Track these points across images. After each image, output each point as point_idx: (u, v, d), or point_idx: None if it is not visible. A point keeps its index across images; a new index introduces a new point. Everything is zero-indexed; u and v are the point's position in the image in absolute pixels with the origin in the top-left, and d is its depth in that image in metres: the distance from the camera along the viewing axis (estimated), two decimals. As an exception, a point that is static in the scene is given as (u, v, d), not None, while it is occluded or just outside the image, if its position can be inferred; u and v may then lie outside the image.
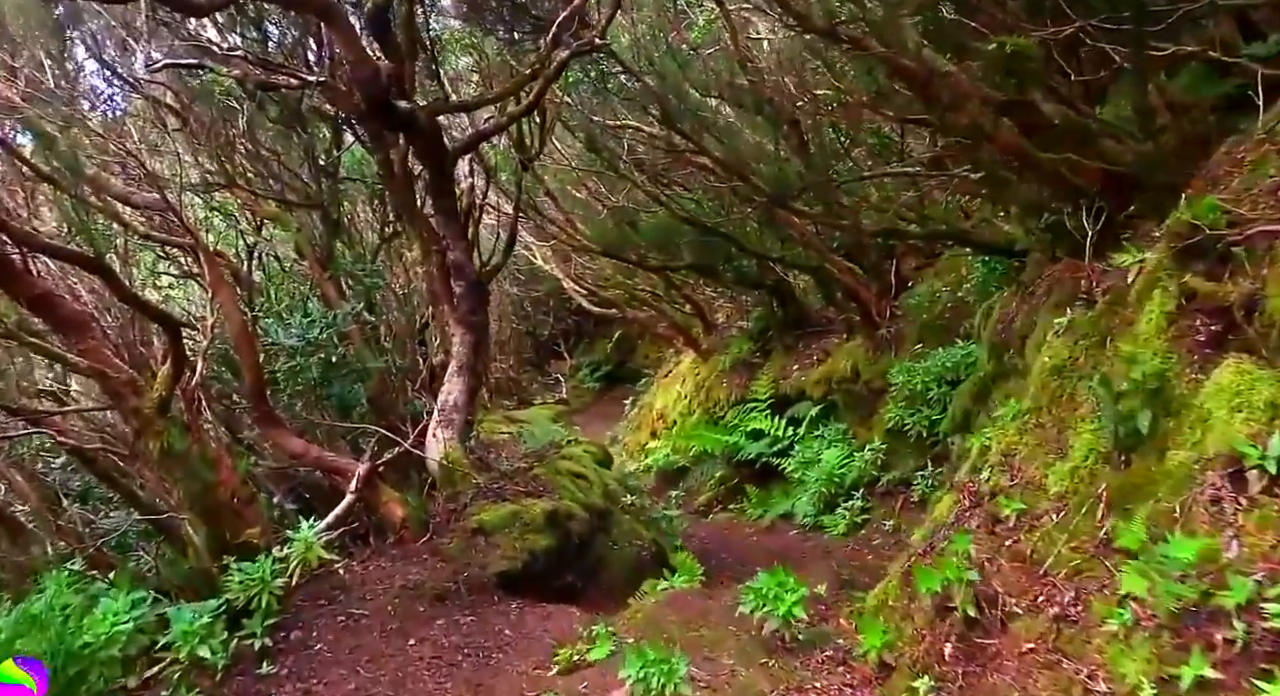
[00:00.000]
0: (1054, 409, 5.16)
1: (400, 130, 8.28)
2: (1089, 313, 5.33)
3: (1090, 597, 3.96)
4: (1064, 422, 5.02)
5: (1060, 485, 4.62)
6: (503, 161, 14.57)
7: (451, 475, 8.17)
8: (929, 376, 11.08)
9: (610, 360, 26.82)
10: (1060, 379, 5.23)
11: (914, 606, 4.92)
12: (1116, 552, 4.05)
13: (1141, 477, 4.18)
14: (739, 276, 14.62)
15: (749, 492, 13.45)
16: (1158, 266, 4.83)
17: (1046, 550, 4.35)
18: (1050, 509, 4.56)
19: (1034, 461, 5.02)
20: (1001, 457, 5.34)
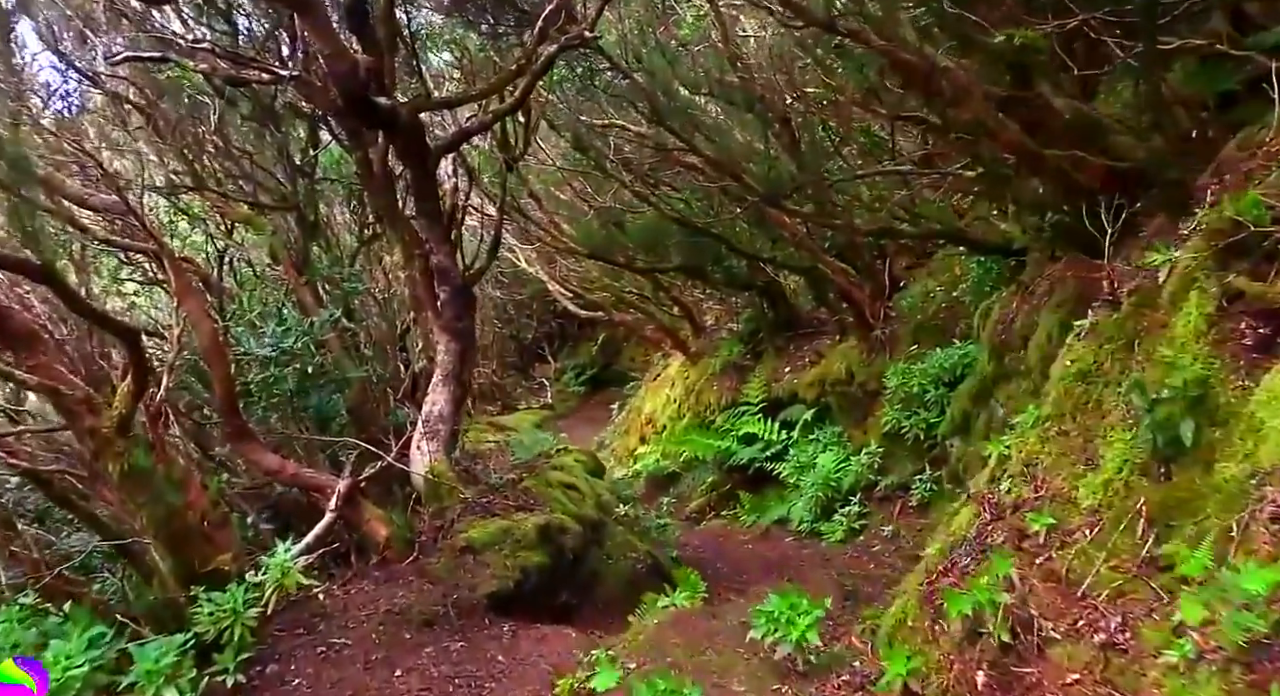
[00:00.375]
0: (1078, 416, 4.82)
1: (380, 128, 7.89)
2: (1114, 315, 4.98)
3: (1139, 624, 3.61)
4: (1090, 431, 4.69)
5: (1093, 498, 4.28)
6: (485, 162, 14.20)
7: (437, 490, 7.78)
8: (925, 378, 10.77)
9: (595, 363, 26.44)
10: (1085, 384, 4.89)
11: (939, 629, 4.56)
12: (1161, 573, 3.73)
13: (1186, 492, 3.85)
14: (729, 277, 14.28)
15: (742, 499, 13.10)
16: (1194, 266, 4.50)
17: (1083, 569, 4.00)
18: (1083, 524, 4.22)
19: (1059, 472, 4.69)
20: (1023, 467, 5.00)
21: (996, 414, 8.66)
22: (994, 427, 8.56)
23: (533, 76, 8.22)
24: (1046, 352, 8.01)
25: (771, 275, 14.35)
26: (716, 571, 10.20)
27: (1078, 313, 7.88)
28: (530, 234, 16.38)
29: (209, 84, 8.44)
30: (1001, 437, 5.43)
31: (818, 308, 15.17)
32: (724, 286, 15.05)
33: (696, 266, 14.30)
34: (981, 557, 4.70)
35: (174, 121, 8.34)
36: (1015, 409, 7.82)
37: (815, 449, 12.19)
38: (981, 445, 9.14)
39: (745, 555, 10.99)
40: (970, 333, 10.99)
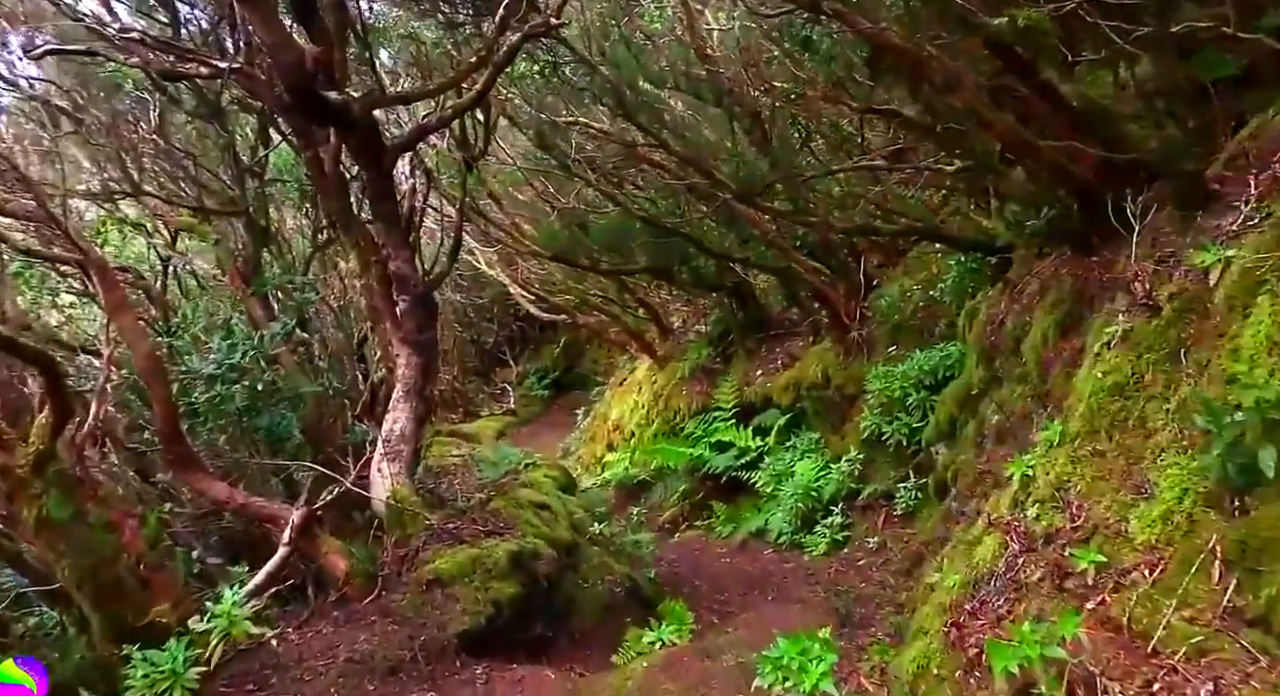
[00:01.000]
0: (1116, 434, 4.29)
1: (330, 124, 7.21)
2: (1153, 321, 4.46)
3: (1235, 692, 3.08)
4: (1133, 452, 4.16)
5: (1149, 533, 3.74)
6: (444, 162, 13.52)
7: (401, 516, 7.13)
8: (907, 381, 10.29)
9: (558, 366, 25.77)
10: (1122, 399, 4.36)
11: (978, 684, 4.00)
12: (1251, 627, 3.20)
13: (1270, 529, 3.33)
14: (697, 278, 13.72)
15: (716, 509, 12.55)
16: (1264, 267, 3.97)
17: (1150, 619, 3.46)
18: (1141, 563, 3.68)
19: (1099, 498, 4.15)
20: (1052, 492, 4.46)
21: (989, 420, 8.16)
22: (987, 434, 8.09)
23: (494, 68, 7.59)
24: (1043, 356, 7.54)
25: (741, 275, 13.81)
26: (696, 590, 9.62)
27: (1076, 313, 7.42)
28: (491, 236, 15.69)
29: (149, 80, 7.71)
30: (1023, 457, 4.88)
31: (788, 308, 14.66)
32: (692, 287, 14.49)
33: (664, 267, 13.72)
34: (1017, 597, 4.16)
35: (107, 121, 7.57)
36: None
37: (792, 456, 11.66)
38: (968, 452, 8.68)
39: (724, 570, 10.42)
40: (951, 333, 10.53)
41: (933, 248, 11.97)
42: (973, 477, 7.69)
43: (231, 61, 6.50)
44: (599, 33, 11.22)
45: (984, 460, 7.61)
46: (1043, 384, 7.29)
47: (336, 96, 6.76)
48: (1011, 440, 7.21)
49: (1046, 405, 6.51)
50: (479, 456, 11.16)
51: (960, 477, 8.46)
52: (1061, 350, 7.16)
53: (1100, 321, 5.84)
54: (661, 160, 12.33)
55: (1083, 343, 6.85)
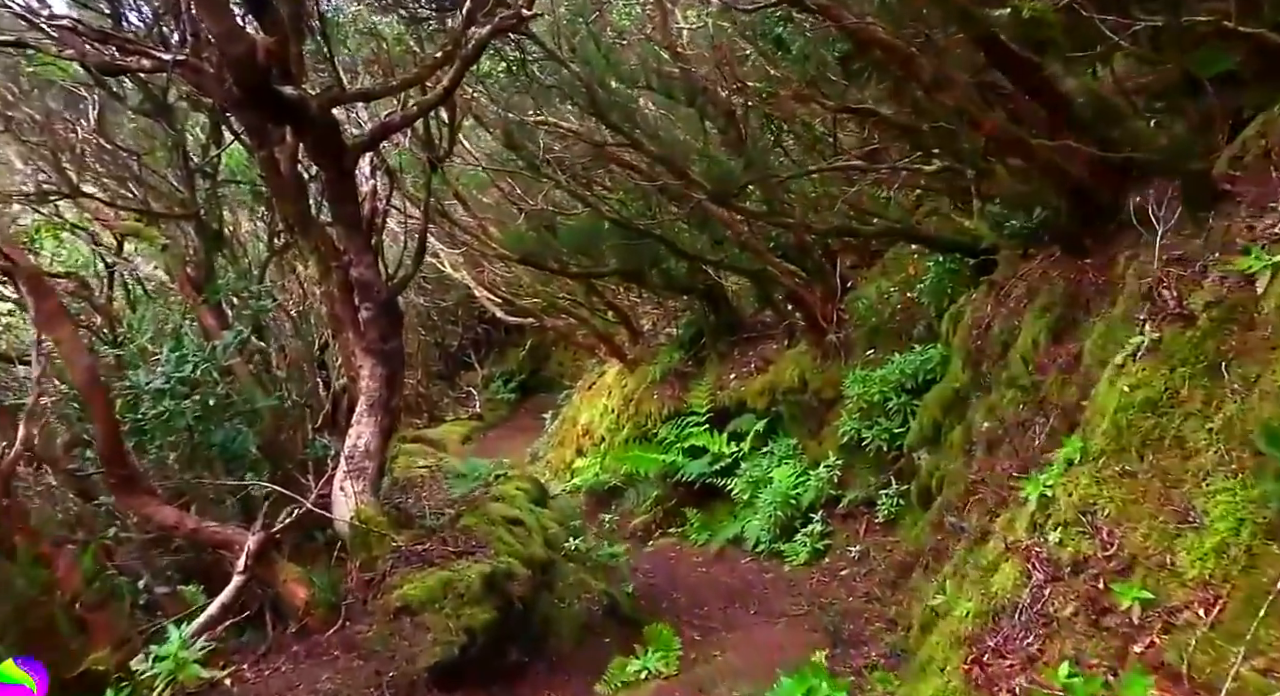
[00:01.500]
0: (1150, 454, 3.89)
1: (286, 122, 6.67)
2: (1186, 332, 4.06)
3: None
4: (1170, 474, 3.76)
5: (1201, 568, 3.33)
6: (408, 163, 12.97)
7: (366, 538, 6.60)
8: (886, 385, 9.91)
9: (525, 369, 25.17)
10: (1155, 416, 3.95)
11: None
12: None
13: (1345, 566, 2.95)
14: (668, 281, 13.27)
15: (690, 517, 12.10)
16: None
17: (1215, 668, 3.05)
18: (1195, 601, 3.27)
19: (1134, 525, 3.75)
20: (1077, 514, 4.05)
21: (979, 427, 7.78)
22: (976, 441, 7.71)
23: (461, 63, 7.09)
24: (1035, 361, 7.17)
25: (714, 277, 13.38)
26: (674, 603, 9.18)
27: (1069, 318, 7.06)
28: (456, 238, 15.13)
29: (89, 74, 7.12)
30: (1040, 475, 4.46)
31: (761, 310, 14.26)
32: (663, 290, 14.03)
33: (634, 270, 13.27)
34: (1048, 634, 3.75)
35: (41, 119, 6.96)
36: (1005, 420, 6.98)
37: (769, 462, 11.24)
38: (956, 459, 8.30)
39: (702, 581, 9.99)
40: (931, 335, 10.19)
41: (909, 248, 11.61)
42: (964, 487, 7.31)
43: (176, 53, 5.93)
44: (568, 29, 10.73)
45: (976, 470, 7.23)
46: (1037, 391, 6.92)
47: (292, 91, 6.22)
48: (1006, 448, 6.83)
49: (1046, 414, 6.13)
50: (447, 467, 10.64)
51: (948, 485, 8.09)
52: (1056, 356, 6.80)
53: (1107, 329, 5.47)
54: (632, 160, 11.88)
55: (1080, 348, 6.49)
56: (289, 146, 7.20)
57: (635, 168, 11.93)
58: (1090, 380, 5.45)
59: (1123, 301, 5.88)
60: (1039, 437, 5.73)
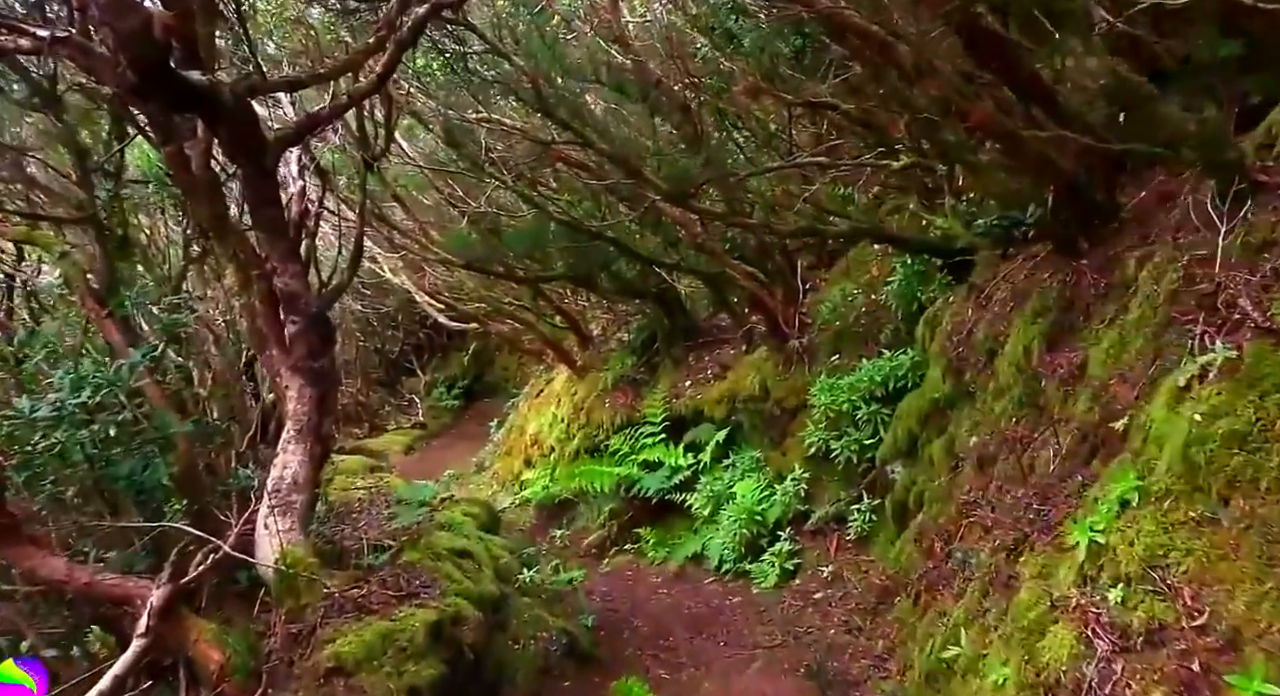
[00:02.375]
0: (1240, 499, 3.22)
1: (194, 112, 5.77)
2: (1277, 350, 3.39)
3: None
4: (1273, 527, 3.08)
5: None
6: (342, 163, 12.04)
7: (293, 584, 5.72)
8: (855, 393, 9.27)
9: (468, 374, 24.17)
10: (1243, 452, 3.28)
11: None
12: None
13: None
14: (620, 285, 12.50)
15: (646, 535, 11.34)
16: None
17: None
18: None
19: (1226, 586, 3.07)
20: (1143, 569, 3.37)
21: (965, 441, 7.14)
22: (963, 456, 7.07)
23: (397, 47, 6.26)
24: (1027, 371, 6.54)
25: (667, 280, 12.65)
26: (636, 633, 8.42)
27: (1065, 324, 6.42)
28: (395, 242, 14.19)
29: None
30: (1089, 519, 3.77)
31: (716, 313, 13.57)
32: (614, 294, 13.25)
33: (584, 273, 12.50)
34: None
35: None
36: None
37: (731, 476, 10.54)
38: (939, 475, 7.66)
39: (664, 606, 9.24)
40: (899, 340, 9.57)
41: (872, 248, 11.00)
42: (954, 508, 6.65)
43: (57, 30, 5.01)
44: (510, 20, 9.93)
45: (967, 490, 6.58)
46: (1034, 403, 6.29)
47: (200, 77, 5.33)
48: (1004, 467, 6.20)
49: (1055, 433, 5.47)
50: (389, 489, 9.75)
51: (931, 503, 7.46)
52: (1054, 365, 6.17)
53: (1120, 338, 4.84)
54: (581, 159, 11.10)
55: (1082, 357, 5.87)
56: (201, 141, 6.30)
57: (584, 167, 11.16)
58: (1114, 397, 4.80)
59: (1138, 307, 5.25)
60: (1054, 462, 5.06)
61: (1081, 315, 6.18)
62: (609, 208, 11.94)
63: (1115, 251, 6.12)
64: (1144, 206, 6.24)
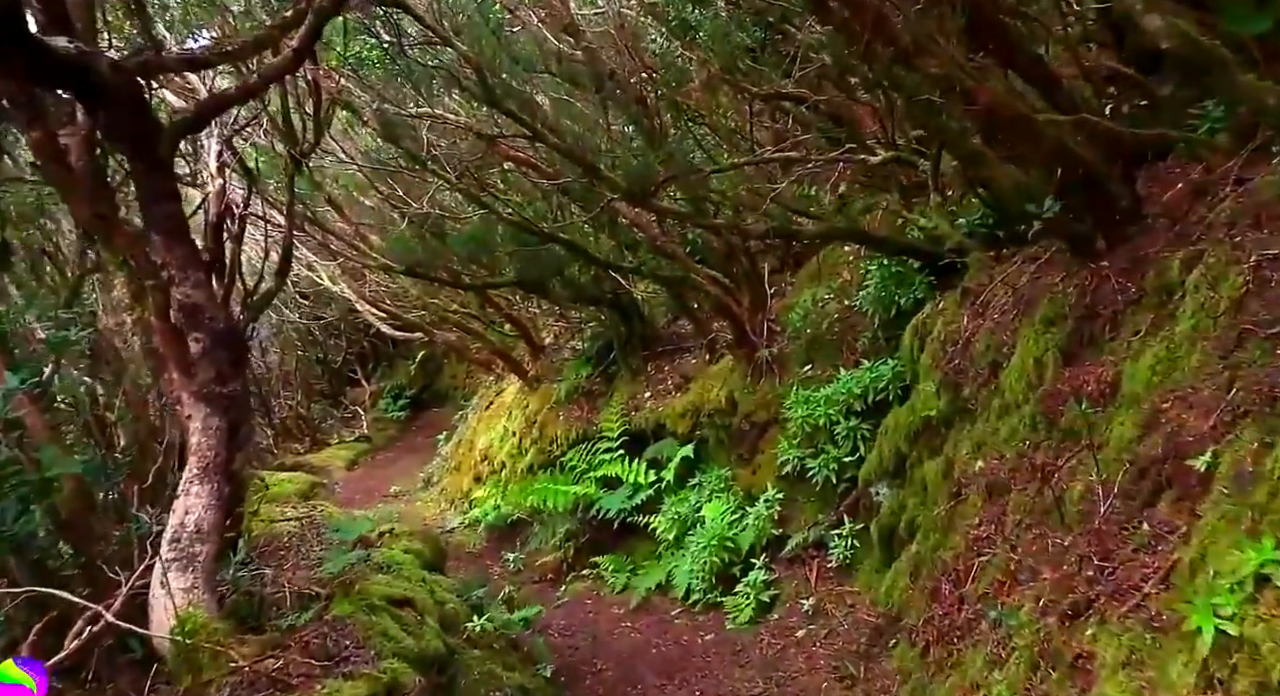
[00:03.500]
0: None
1: (63, 88, 4.71)
2: None
3: None
4: None
5: None
6: (269, 166, 10.94)
7: (193, 656, 4.68)
8: (832, 407, 8.43)
9: (416, 383, 22.86)
10: None
11: None
12: None
13: None
14: (574, 291, 11.52)
15: (605, 563, 10.38)
16: None
17: None
18: None
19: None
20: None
21: (967, 466, 6.28)
22: (966, 483, 6.21)
23: (316, 18, 5.23)
24: (1042, 388, 5.72)
25: (623, 285, 11.70)
26: (599, 679, 7.50)
27: (1084, 334, 5.58)
28: (331, 248, 13.05)
29: None
30: (1208, 598, 2.88)
31: (675, 320, 12.66)
32: (568, 301, 12.26)
33: (535, 279, 11.49)
34: None
35: None
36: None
37: (697, 496, 9.62)
38: (936, 503, 6.82)
39: (630, 645, 8.30)
40: (877, 348, 8.74)
41: (843, 249, 10.17)
42: (963, 544, 5.79)
43: None
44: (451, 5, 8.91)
45: (976, 523, 5.72)
46: (1051, 426, 5.46)
47: (70, 45, 4.27)
48: (1022, 499, 5.34)
49: (1094, 463, 4.62)
50: (324, 518, 8.67)
51: (928, 533, 6.60)
52: (1077, 382, 5.34)
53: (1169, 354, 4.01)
54: (531, 157, 10.15)
55: (1113, 373, 5.04)
56: (82, 128, 5.21)
57: (534, 165, 10.20)
58: (1178, 426, 3.95)
59: (1189, 316, 4.42)
60: (1103, 501, 4.20)
61: (1107, 324, 5.36)
62: (561, 208, 10.99)
63: (1146, 252, 5.31)
64: (1175, 202, 5.43)
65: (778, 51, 9.34)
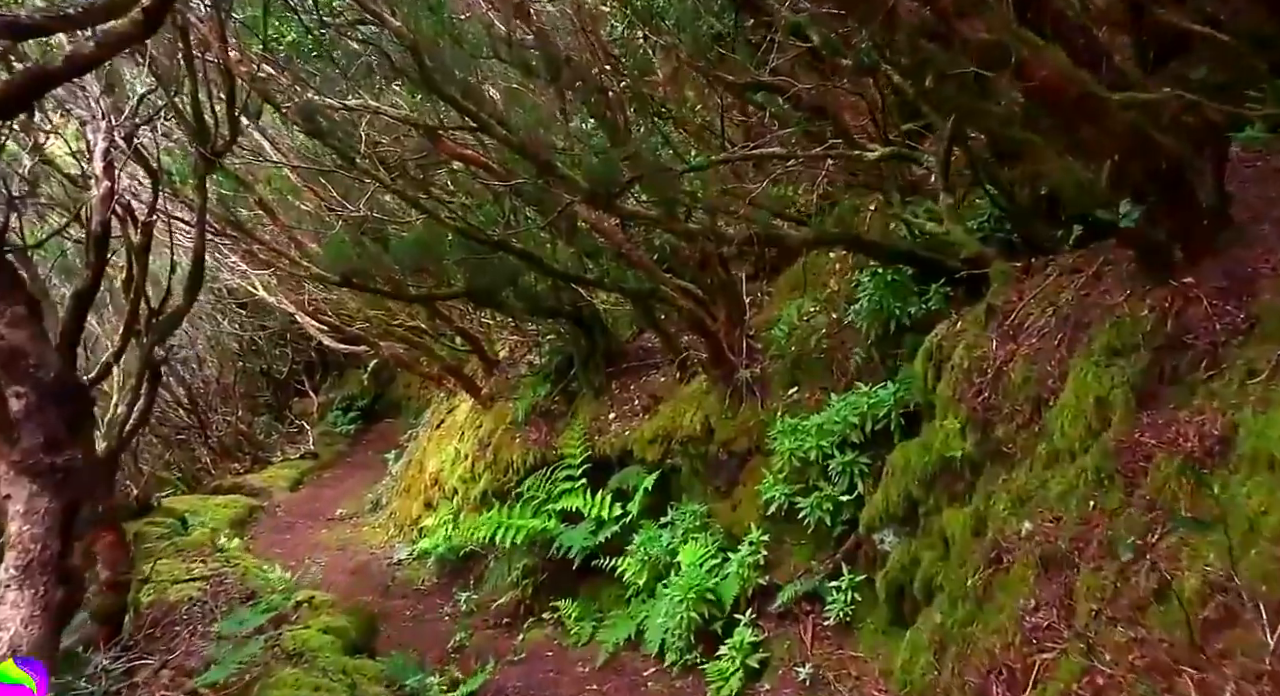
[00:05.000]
0: None
1: None
2: None
3: None
4: None
5: None
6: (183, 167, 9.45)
7: None
8: (825, 438, 7.17)
9: (368, 393, 21.16)
10: None
11: None
12: None
13: None
14: (531, 303, 10.13)
15: (566, 609, 9.04)
16: None
17: None
18: None
19: None
20: None
21: (1006, 524, 5.02)
22: (1008, 547, 4.94)
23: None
24: (1116, 438, 4.47)
25: (584, 297, 10.34)
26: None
27: (1162, 370, 4.33)
28: (259, 257, 11.52)
29: None
30: None
31: (640, 334, 11.32)
32: (523, 313, 10.86)
33: (486, 290, 10.06)
34: None
35: None
36: (1064, 526, 4.21)
37: (670, 536, 8.28)
38: (962, 563, 5.56)
39: (599, 719, 6.95)
40: (875, 370, 7.51)
41: (828, 256, 8.91)
42: (1011, 629, 4.51)
43: None
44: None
45: (1031, 605, 4.45)
46: (1131, 489, 4.19)
47: None
48: (1091, 577, 4.08)
49: (1203, 545, 3.37)
50: (237, 574, 7.22)
51: (956, 602, 5.32)
52: (1173, 434, 4.08)
53: None
54: (481, 156, 8.73)
55: (1223, 422, 3.80)
56: None
57: (484, 165, 8.79)
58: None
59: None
60: (1246, 609, 2.94)
61: (1203, 359, 4.11)
62: (517, 213, 9.59)
63: (1248, 266, 4.08)
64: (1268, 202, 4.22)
65: (748, 40, 8.17)
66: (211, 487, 15.70)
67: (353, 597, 11.13)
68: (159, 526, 8.85)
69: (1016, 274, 5.93)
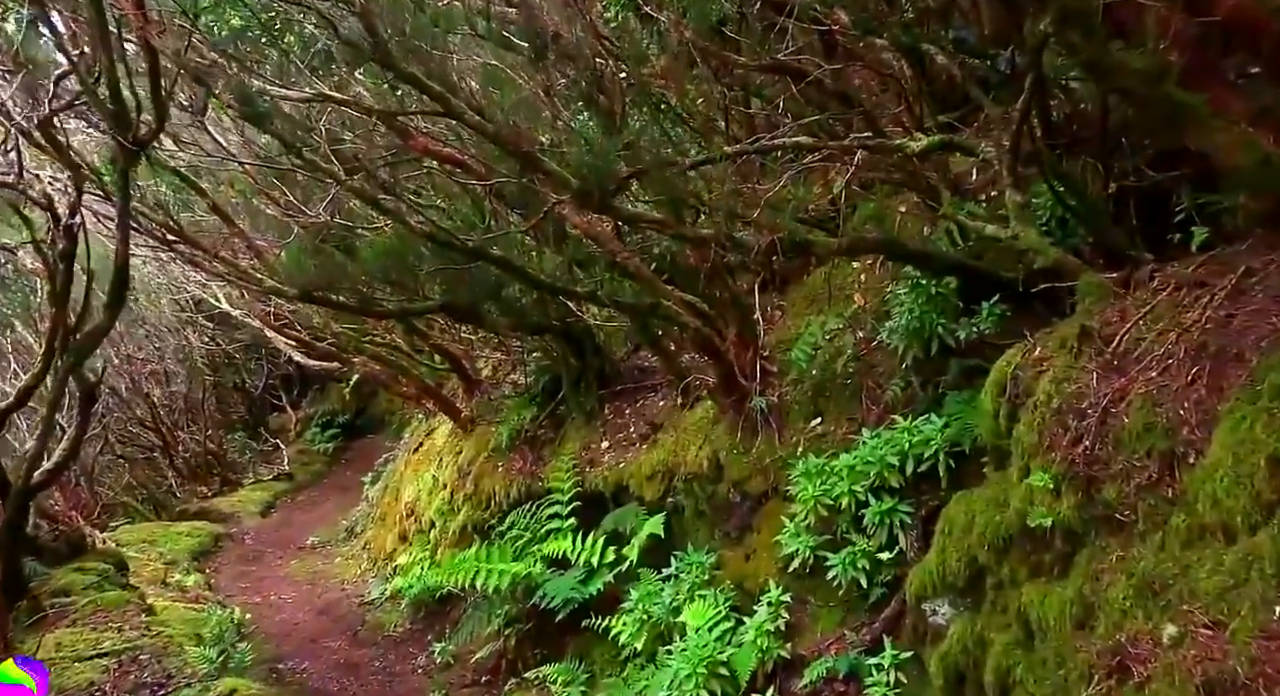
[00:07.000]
0: None
1: None
2: None
3: None
4: None
5: None
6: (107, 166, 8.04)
7: None
8: (857, 480, 5.85)
9: (349, 408, 19.69)
10: None
11: None
12: None
13: None
14: (515, 319, 8.77)
15: (553, 672, 7.66)
16: None
17: None
18: None
19: None
20: None
21: (1130, 619, 3.67)
22: (1142, 660, 3.60)
23: None
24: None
25: (574, 311, 8.98)
26: None
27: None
28: (206, 267, 10.10)
29: None
30: None
31: (635, 351, 9.96)
32: (507, 328, 9.49)
33: (466, 304, 8.70)
34: None
35: None
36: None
37: (673, 592, 6.92)
38: (1054, 657, 4.21)
39: None
40: (914, 399, 6.19)
41: (851, 266, 7.57)
42: None
43: None
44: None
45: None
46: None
47: None
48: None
49: None
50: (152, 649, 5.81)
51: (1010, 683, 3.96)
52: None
53: None
54: (456, 153, 7.35)
55: None
56: None
57: (459, 161, 7.42)
58: None
59: None
60: None
61: None
62: (499, 217, 8.24)
63: None
64: None
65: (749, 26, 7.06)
66: (176, 513, 14.24)
67: (318, 642, 9.81)
68: (88, 573, 7.43)
69: (1114, 287, 4.60)
